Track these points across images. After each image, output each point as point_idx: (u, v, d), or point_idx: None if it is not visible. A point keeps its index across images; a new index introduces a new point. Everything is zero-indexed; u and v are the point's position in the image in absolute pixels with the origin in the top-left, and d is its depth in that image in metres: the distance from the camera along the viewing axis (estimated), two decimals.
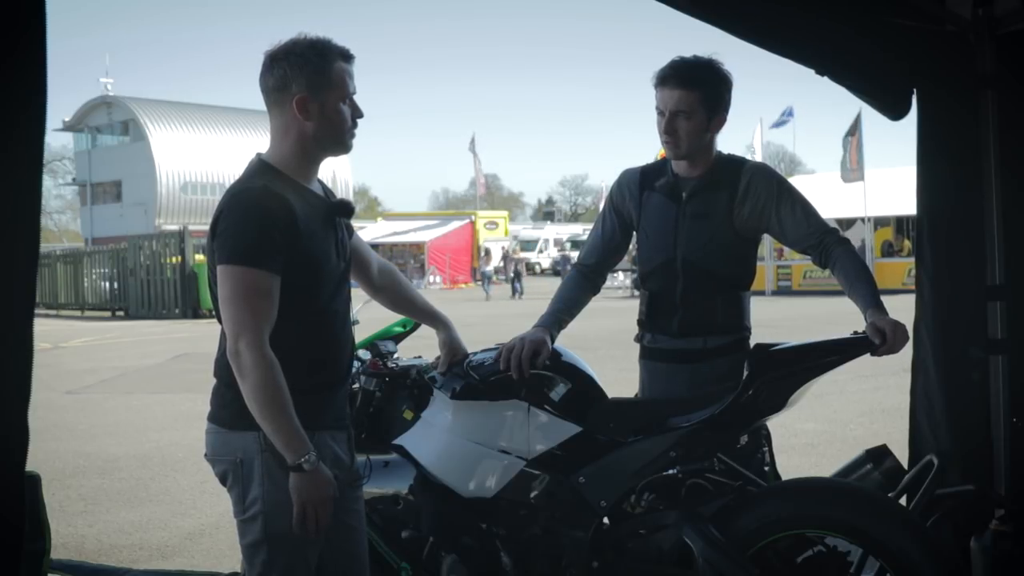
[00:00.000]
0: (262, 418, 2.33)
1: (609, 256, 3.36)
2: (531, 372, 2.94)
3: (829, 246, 3.04)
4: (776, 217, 3.10)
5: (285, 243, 2.37)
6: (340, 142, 2.51)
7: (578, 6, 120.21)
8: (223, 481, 2.51)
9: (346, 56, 2.48)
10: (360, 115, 2.53)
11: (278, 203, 2.38)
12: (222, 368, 2.45)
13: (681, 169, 3.19)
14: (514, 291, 32.88)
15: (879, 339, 2.71)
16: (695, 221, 3.14)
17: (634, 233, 3.33)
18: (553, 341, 3.05)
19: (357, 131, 2.54)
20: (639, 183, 3.26)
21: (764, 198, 3.09)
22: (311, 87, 2.42)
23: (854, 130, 27.19)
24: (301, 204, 2.43)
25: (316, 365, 2.50)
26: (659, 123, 3.10)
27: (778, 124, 33.69)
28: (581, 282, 3.32)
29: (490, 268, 35.65)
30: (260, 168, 2.49)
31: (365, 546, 2.70)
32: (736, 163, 3.19)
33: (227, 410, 2.46)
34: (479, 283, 34.84)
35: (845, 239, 3.10)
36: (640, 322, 3.30)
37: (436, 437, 3.03)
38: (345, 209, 2.59)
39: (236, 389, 2.36)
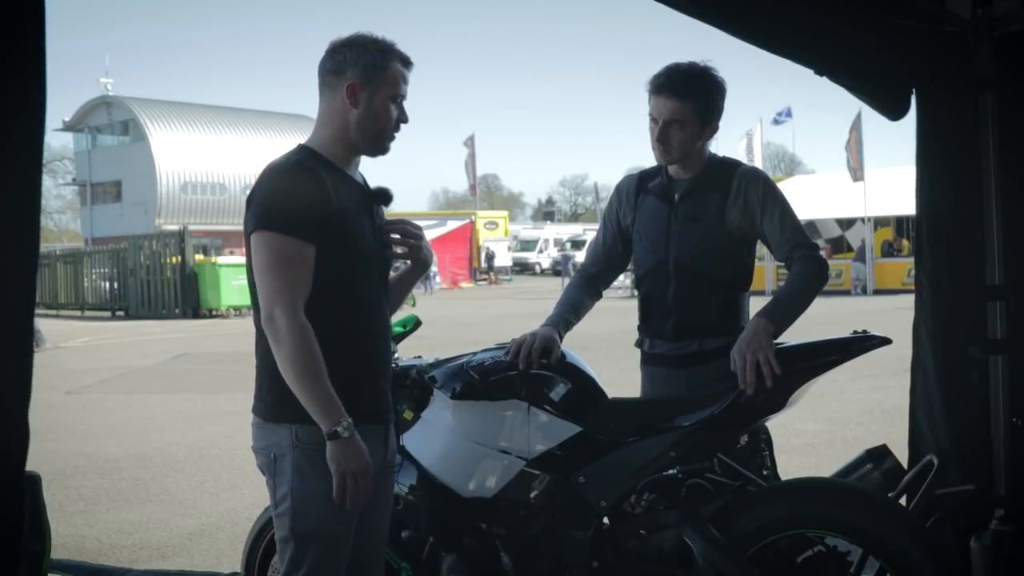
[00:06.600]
0: (296, 386, 2.32)
1: (610, 265, 3.39)
2: (531, 372, 2.95)
3: (793, 259, 3.02)
4: (760, 224, 3.09)
5: (317, 214, 2.38)
6: (380, 137, 2.53)
7: (578, 6, 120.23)
8: (263, 472, 2.52)
9: (405, 61, 2.54)
10: (405, 120, 2.56)
11: (310, 175, 2.41)
12: (258, 357, 2.47)
13: (674, 171, 3.20)
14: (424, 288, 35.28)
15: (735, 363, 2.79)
16: (687, 222, 3.14)
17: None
18: (562, 340, 3.08)
19: (397, 135, 2.56)
20: (636, 187, 3.29)
21: (752, 204, 3.09)
22: (365, 76, 2.47)
23: (855, 130, 27.13)
24: (335, 183, 2.45)
25: (350, 352, 2.47)
26: (651, 129, 3.10)
27: (776, 122, 33.37)
28: (584, 286, 3.35)
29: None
30: (298, 149, 2.53)
31: (386, 532, 2.71)
32: (730, 166, 3.20)
33: (263, 402, 2.48)
34: (479, 283, 35.04)
35: (812, 255, 3.03)
36: (639, 327, 3.32)
37: (436, 437, 3.03)
38: (382, 196, 2.62)
39: (271, 379, 2.39)
